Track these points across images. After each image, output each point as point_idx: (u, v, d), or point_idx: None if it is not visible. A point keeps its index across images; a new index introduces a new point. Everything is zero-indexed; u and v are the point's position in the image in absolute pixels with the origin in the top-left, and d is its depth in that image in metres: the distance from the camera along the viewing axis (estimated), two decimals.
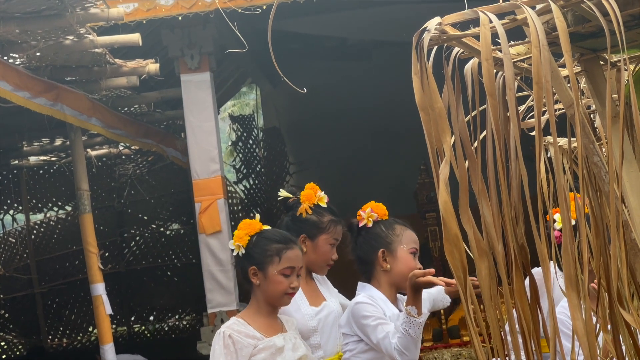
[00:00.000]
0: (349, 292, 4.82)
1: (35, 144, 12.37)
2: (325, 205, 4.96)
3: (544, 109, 2.25)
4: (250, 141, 14.63)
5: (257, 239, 4.40)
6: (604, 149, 2.39)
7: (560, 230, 4.86)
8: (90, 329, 13.46)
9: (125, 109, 10.37)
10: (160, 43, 9.59)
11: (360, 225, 4.72)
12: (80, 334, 13.67)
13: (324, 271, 4.85)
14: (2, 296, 13.18)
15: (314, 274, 4.91)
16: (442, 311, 9.49)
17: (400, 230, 4.60)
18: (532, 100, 2.64)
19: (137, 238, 13.89)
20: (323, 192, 5.06)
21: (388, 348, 4.21)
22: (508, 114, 2.33)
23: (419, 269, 4.34)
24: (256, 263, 4.35)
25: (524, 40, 2.49)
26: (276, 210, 13.97)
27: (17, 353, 13.70)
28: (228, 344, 4.23)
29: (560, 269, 2.27)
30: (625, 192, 2.33)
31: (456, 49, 2.41)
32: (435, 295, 4.70)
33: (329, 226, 4.84)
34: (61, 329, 13.75)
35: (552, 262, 2.36)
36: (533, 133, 2.28)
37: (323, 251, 4.77)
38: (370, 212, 4.71)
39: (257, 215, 4.58)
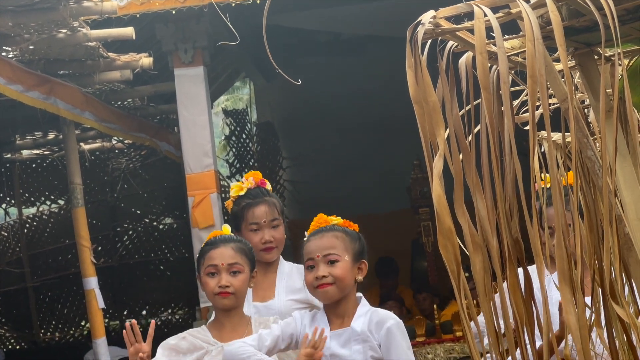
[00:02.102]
0: None
1: (28, 137, 12.34)
2: (243, 193, 4.87)
3: (538, 103, 2.25)
4: (244, 136, 14.62)
5: (200, 249, 4.46)
6: (597, 144, 2.39)
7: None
8: (83, 323, 13.44)
9: (119, 102, 10.34)
10: (153, 37, 9.56)
11: None
12: (73, 328, 13.65)
13: (264, 257, 4.72)
14: None
15: (288, 265, 4.85)
16: (435, 306, 9.51)
17: (303, 248, 4.23)
18: (527, 95, 2.64)
19: (130, 232, 13.87)
20: (250, 179, 4.94)
21: None
22: (502, 108, 2.33)
23: (316, 277, 4.03)
24: (197, 271, 4.39)
25: (519, 34, 2.49)
26: None
27: (10, 347, 13.68)
28: (179, 344, 4.24)
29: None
30: (619, 186, 2.33)
31: (450, 43, 2.41)
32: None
33: (243, 213, 4.78)
34: (53, 322, 13.73)
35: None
36: (527, 127, 2.28)
37: (248, 238, 4.66)
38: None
39: (226, 226, 4.58)
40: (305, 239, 4.25)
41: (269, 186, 4.94)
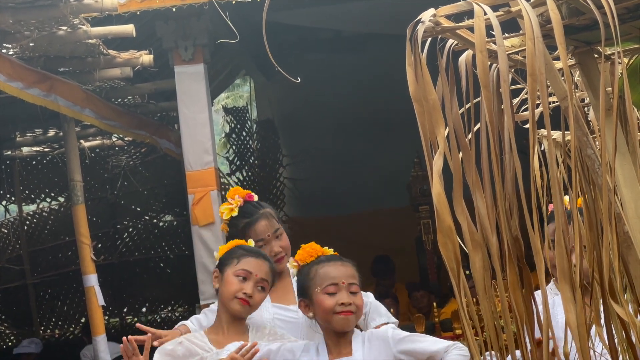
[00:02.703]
0: None
1: (29, 134, 12.33)
2: (236, 214, 4.74)
3: (538, 102, 2.25)
4: (244, 133, 14.61)
5: (231, 249, 4.43)
6: (597, 142, 2.39)
7: None
8: (83, 320, 13.44)
9: (119, 100, 10.34)
10: (154, 34, 9.56)
11: None
12: (73, 325, 13.66)
13: (277, 267, 4.61)
14: None
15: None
16: (434, 304, 9.51)
17: (314, 272, 4.16)
18: (526, 93, 2.64)
19: (130, 229, 13.87)
20: (237, 197, 4.81)
21: None
22: (502, 106, 2.33)
23: (342, 304, 3.99)
24: (220, 266, 4.37)
25: (519, 33, 2.49)
26: (269, 201, 13.97)
27: (10, 344, 13.69)
28: (175, 350, 4.24)
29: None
30: (618, 184, 2.33)
31: (450, 41, 2.41)
32: None
33: (245, 232, 4.67)
34: (53, 319, 13.74)
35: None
36: (527, 126, 2.28)
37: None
38: (292, 261, 4.35)
39: (251, 241, 4.57)
40: (300, 266, 4.24)
41: (255, 197, 4.89)
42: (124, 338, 4.10)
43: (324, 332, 4.13)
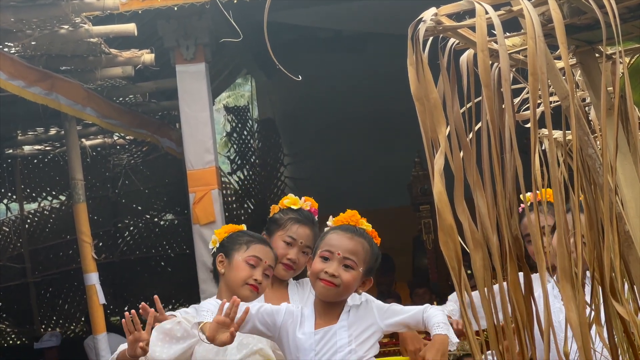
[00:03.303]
0: None
1: (30, 133, 12.35)
2: (296, 208, 4.88)
3: (539, 101, 2.25)
4: (245, 132, 14.61)
5: (233, 234, 4.45)
6: (598, 142, 2.39)
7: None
8: (84, 319, 13.44)
9: (120, 99, 10.35)
10: (155, 33, 9.57)
11: None
12: (74, 324, 13.67)
13: (280, 272, 4.71)
14: None
15: (294, 282, 4.87)
16: (435, 303, 9.50)
17: (325, 234, 4.22)
18: (528, 92, 2.65)
19: (131, 228, 13.88)
20: (308, 203, 4.99)
21: None
22: (503, 106, 2.33)
23: (326, 272, 3.98)
24: (224, 251, 4.38)
25: (520, 32, 2.50)
26: (270, 201, 13.98)
27: (10, 342, 13.70)
28: (173, 329, 4.23)
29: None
30: (619, 184, 2.33)
31: (452, 40, 2.41)
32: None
33: (286, 223, 4.77)
34: (54, 318, 13.75)
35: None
36: (528, 125, 2.28)
37: (276, 246, 4.67)
38: (331, 218, 4.42)
39: (243, 226, 4.61)
40: (329, 226, 4.25)
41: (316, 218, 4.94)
42: (126, 313, 4.10)
43: (316, 296, 4.12)
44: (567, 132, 2.37)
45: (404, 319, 4.07)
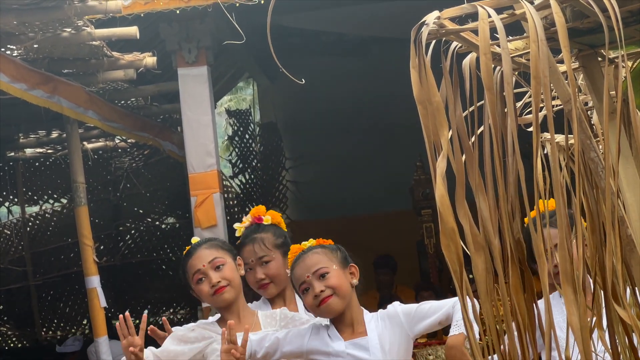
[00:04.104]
0: None
1: (32, 136, 12.36)
2: (240, 234, 4.85)
3: (541, 105, 2.25)
4: (247, 136, 14.62)
5: None
6: (600, 145, 2.39)
7: None
8: (85, 322, 13.45)
9: (122, 102, 10.35)
10: (157, 36, 9.57)
11: None
12: (75, 327, 13.67)
13: (263, 294, 4.72)
14: None
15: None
16: None
17: (292, 277, 4.24)
18: (530, 96, 2.64)
19: (133, 231, 13.88)
20: (245, 218, 4.90)
21: None
22: (506, 109, 2.33)
23: (315, 296, 4.04)
24: (188, 286, 4.42)
25: (523, 35, 2.50)
26: (271, 205, 13.98)
27: (12, 345, 13.69)
28: (186, 335, 4.25)
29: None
30: (622, 188, 2.33)
31: (454, 44, 2.41)
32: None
33: (239, 253, 4.72)
34: (55, 321, 13.75)
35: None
36: (530, 129, 2.28)
37: (247, 279, 4.69)
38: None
39: (195, 237, 4.68)
40: (288, 273, 4.26)
41: (268, 219, 4.88)
42: (120, 315, 4.11)
43: (330, 320, 4.15)
44: (569, 135, 2.37)
45: (435, 319, 4.08)
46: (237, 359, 3.88)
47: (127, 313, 4.13)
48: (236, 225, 4.89)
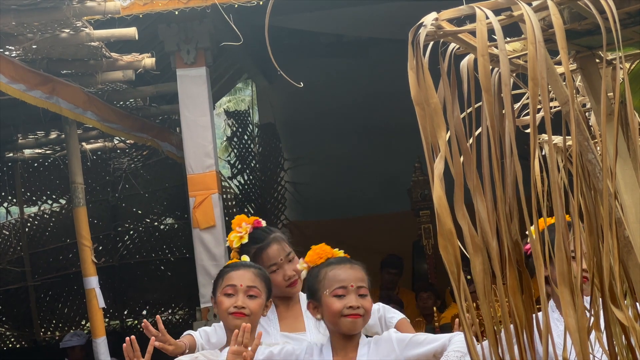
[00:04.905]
0: None
1: (30, 136, 12.36)
2: (246, 241, 4.75)
3: (539, 106, 2.25)
4: (245, 137, 14.61)
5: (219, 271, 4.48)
6: (598, 147, 2.40)
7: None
8: (83, 322, 13.44)
9: (121, 102, 10.35)
10: (156, 37, 9.58)
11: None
12: (73, 327, 13.65)
13: (291, 292, 4.67)
14: None
15: (304, 295, 4.84)
16: (435, 309, 9.51)
17: (323, 274, 4.14)
18: (528, 97, 2.65)
19: (131, 232, 13.87)
20: (245, 225, 4.80)
21: None
22: (503, 111, 2.33)
23: (350, 307, 3.98)
24: (213, 292, 4.40)
25: (520, 37, 2.50)
26: (270, 205, 13.99)
27: (10, 345, 13.69)
28: None
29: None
30: (619, 189, 2.33)
31: (452, 45, 2.41)
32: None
33: (257, 258, 4.67)
34: (54, 322, 13.74)
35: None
36: (528, 130, 2.28)
37: (272, 277, 4.60)
38: (302, 262, 4.30)
39: (245, 256, 4.57)
40: (307, 266, 4.23)
41: (264, 223, 4.87)
42: (127, 338, 4.10)
43: (331, 334, 4.11)
44: (567, 137, 2.37)
45: (429, 349, 4.05)
46: None
47: (133, 337, 4.12)
48: (234, 236, 4.83)
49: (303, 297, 4.79)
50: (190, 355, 4.30)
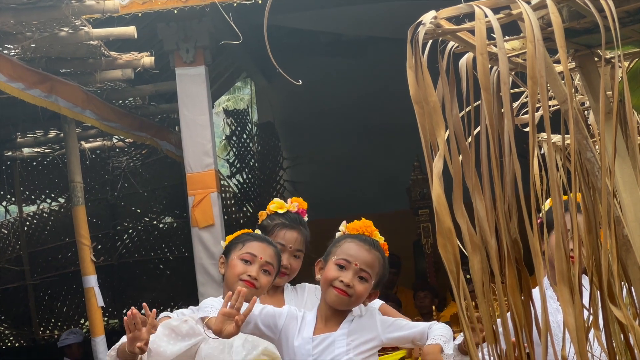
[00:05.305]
0: None
1: (29, 135, 12.35)
2: (282, 212, 4.83)
3: (538, 105, 2.25)
4: (244, 136, 14.61)
5: (237, 236, 4.46)
6: (597, 146, 2.39)
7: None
8: (82, 321, 13.44)
9: (120, 101, 10.35)
10: (155, 36, 9.57)
11: None
12: (72, 326, 13.65)
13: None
14: None
15: (290, 287, 4.84)
16: (434, 307, 9.51)
17: (341, 241, 4.16)
18: (527, 96, 2.65)
19: (130, 231, 13.87)
20: (295, 204, 4.89)
21: None
22: (502, 109, 2.33)
23: (342, 281, 3.97)
24: (225, 252, 4.39)
25: (519, 35, 2.50)
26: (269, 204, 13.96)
27: (9, 344, 13.69)
28: (179, 327, 4.21)
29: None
30: (618, 188, 2.33)
31: (451, 43, 2.41)
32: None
33: (274, 229, 4.74)
34: (53, 320, 13.74)
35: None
36: (527, 129, 2.28)
37: None
38: (344, 225, 4.30)
39: (258, 232, 4.61)
40: (342, 232, 4.23)
41: (306, 217, 4.90)
42: (129, 312, 4.06)
43: (321, 301, 4.12)
44: (566, 136, 2.37)
45: (409, 334, 4.06)
46: (236, 325, 3.82)
47: (135, 310, 4.09)
48: (279, 201, 4.88)
49: (288, 290, 4.82)
50: (179, 318, 4.27)
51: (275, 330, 4.06)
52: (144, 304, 4.20)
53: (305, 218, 4.91)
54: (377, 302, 4.56)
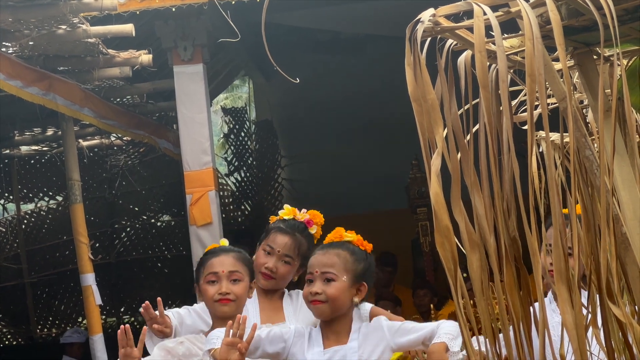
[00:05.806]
0: None
1: (27, 133, 12.34)
2: (288, 218, 4.86)
3: (536, 103, 2.25)
4: (242, 134, 14.61)
5: (200, 259, 4.49)
6: (595, 144, 2.39)
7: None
8: (80, 320, 13.44)
9: (118, 99, 10.35)
10: (153, 34, 9.56)
11: None
12: (70, 324, 13.65)
13: (259, 281, 4.68)
14: None
15: (287, 293, 4.85)
16: (432, 306, 9.50)
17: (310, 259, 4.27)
18: (525, 94, 2.64)
19: (128, 229, 13.88)
20: (306, 215, 4.94)
21: None
22: (501, 107, 2.33)
23: (310, 292, 4.06)
24: (196, 281, 4.42)
25: (518, 33, 2.49)
26: (267, 202, 13.98)
27: (7, 342, 13.68)
28: (175, 349, 4.22)
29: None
30: (617, 186, 2.33)
31: (450, 41, 2.41)
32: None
33: (270, 232, 4.76)
34: (51, 319, 13.74)
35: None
36: (525, 127, 2.28)
37: (257, 255, 4.71)
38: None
39: (224, 240, 4.63)
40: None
41: (314, 229, 4.88)
42: (122, 326, 4.10)
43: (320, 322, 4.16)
44: (564, 134, 2.37)
45: (418, 336, 4.07)
46: (240, 353, 3.85)
47: (127, 326, 4.12)
48: (289, 209, 4.92)
49: (286, 295, 4.82)
50: (175, 340, 4.30)
51: (284, 351, 4.09)
52: (159, 298, 4.24)
53: (313, 230, 4.88)
54: (367, 305, 4.56)
